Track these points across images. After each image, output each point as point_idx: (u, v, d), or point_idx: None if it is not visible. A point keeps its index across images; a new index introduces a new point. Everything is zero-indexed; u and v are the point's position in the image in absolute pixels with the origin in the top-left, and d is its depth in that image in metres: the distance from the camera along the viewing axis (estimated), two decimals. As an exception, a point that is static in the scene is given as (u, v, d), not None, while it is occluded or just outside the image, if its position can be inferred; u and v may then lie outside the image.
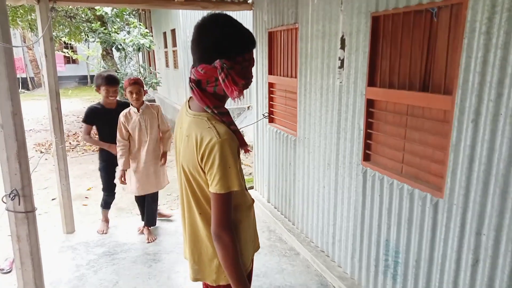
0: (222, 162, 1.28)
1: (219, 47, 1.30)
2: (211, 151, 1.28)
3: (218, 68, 1.28)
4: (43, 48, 3.43)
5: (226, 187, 1.30)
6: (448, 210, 1.99)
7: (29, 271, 1.95)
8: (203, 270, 1.52)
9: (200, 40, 1.33)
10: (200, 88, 1.37)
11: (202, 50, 1.33)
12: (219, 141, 1.27)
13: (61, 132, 3.62)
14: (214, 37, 1.31)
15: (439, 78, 2.01)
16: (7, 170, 1.84)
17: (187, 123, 1.40)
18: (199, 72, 1.33)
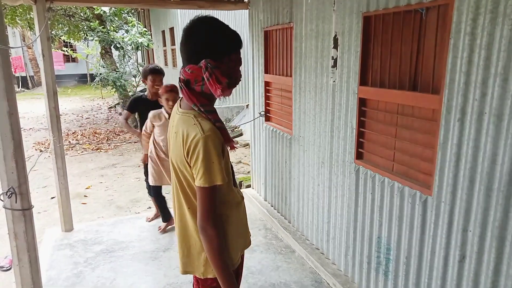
0: (206, 157, 1.33)
1: (206, 48, 1.36)
2: (195, 146, 1.33)
3: (202, 67, 1.34)
4: (40, 48, 3.46)
5: (210, 181, 1.35)
6: (436, 207, 2.03)
7: (26, 267, 2.00)
8: (192, 263, 1.57)
9: (188, 41, 1.40)
10: (188, 87, 1.42)
11: (190, 51, 1.40)
12: (203, 136, 1.33)
13: (58, 131, 3.66)
14: (201, 38, 1.38)
15: (427, 77, 2.05)
16: (4, 168, 1.88)
17: (176, 120, 1.47)
18: (187, 72, 1.39)
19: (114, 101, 15.27)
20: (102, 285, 2.98)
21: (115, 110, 13.62)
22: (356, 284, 2.80)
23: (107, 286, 2.97)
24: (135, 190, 5.77)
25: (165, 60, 11.59)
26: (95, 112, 13.84)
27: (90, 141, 9.10)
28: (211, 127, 1.38)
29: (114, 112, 13.43)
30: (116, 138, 9.44)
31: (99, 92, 17.38)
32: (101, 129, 10.50)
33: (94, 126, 11.00)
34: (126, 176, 6.49)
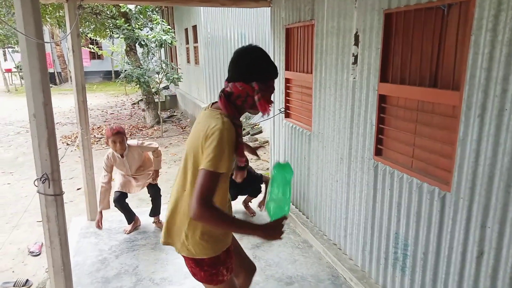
0: (220, 144, 1.48)
1: (256, 71, 1.60)
2: (213, 133, 1.50)
3: (256, 88, 1.59)
4: (71, 43, 3.62)
5: (216, 166, 1.46)
6: (455, 204, 2.04)
7: (57, 249, 2.12)
8: (172, 237, 1.73)
9: (240, 62, 1.62)
10: (228, 99, 1.62)
11: (242, 70, 1.61)
12: (222, 128, 1.50)
13: (86, 124, 3.81)
14: (253, 62, 1.61)
15: (448, 74, 2.06)
16: (39, 156, 2.01)
17: (202, 115, 1.67)
18: (237, 87, 1.61)
19: (137, 98, 15.61)
20: (125, 271, 3.10)
21: (138, 106, 13.93)
22: (373, 279, 2.82)
23: (129, 272, 3.09)
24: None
25: (188, 57, 11.77)
26: (119, 108, 14.19)
27: (114, 136, 9.34)
28: (231, 124, 1.55)
29: (137, 108, 13.74)
30: (139, 133, 9.67)
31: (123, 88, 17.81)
32: (125, 124, 10.76)
33: (118, 121, 11.30)
34: (148, 170, 6.64)
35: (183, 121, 11.27)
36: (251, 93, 1.60)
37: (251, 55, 1.63)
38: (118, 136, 3.50)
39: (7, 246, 4.05)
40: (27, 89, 1.96)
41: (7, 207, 5.12)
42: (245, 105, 1.64)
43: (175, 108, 13.48)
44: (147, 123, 10.70)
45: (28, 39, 1.87)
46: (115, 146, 3.54)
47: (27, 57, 1.90)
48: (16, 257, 3.84)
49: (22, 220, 4.68)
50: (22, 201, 5.32)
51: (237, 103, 1.63)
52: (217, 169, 1.46)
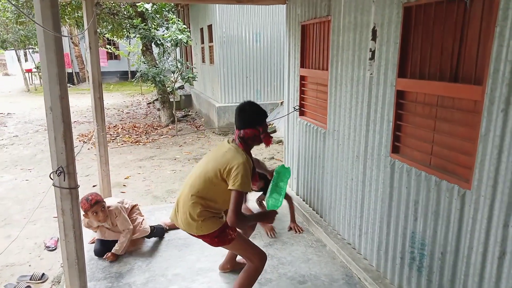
0: (244, 174, 2.19)
1: (257, 119, 2.35)
2: (238, 166, 2.20)
3: (260, 131, 2.35)
4: (88, 40, 3.66)
5: (242, 188, 2.17)
6: (475, 202, 1.97)
7: (71, 242, 2.14)
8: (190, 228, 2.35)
9: (245, 115, 2.35)
10: (243, 140, 2.35)
11: (247, 120, 2.33)
12: (245, 162, 2.23)
13: (102, 121, 3.85)
14: (253, 113, 2.36)
15: (469, 68, 1.99)
16: (54, 149, 2.02)
17: (228, 147, 2.34)
18: (247, 132, 2.33)
19: (152, 97, 15.77)
20: (139, 267, 3.11)
21: (154, 106, 14.07)
22: (388, 279, 2.76)
23: (143, 268, 3.10)
24: (170, 182, 5.94)
25: (203, 57, 11.83)
26: (134, 107, 14.36)
27: (130, 134, 9.46)
28: (249, 158, 2.30)
29: (152, 108, 13.88)
30: (154, 132, 9.76)
31: (139, 88, 18.03)
32: (140, 123, 10.88)
33: (133, 121, 11.43)
34: (163, 168, 6.70)
35: (198, 121, 11.33)
36: (258, 134, 2.34)
37: (249, 109, 2.35)
38: (98, 205, 3.11)
39: (24, 240, 4.12)
40: (44, 82, 1.98)
41: (25, 203, 5.21)
42: (254, 142, 2.38)
43: (190, 107, 13.56)
44: (162, 122, 10.79)
45: (46, 33, 1.89)
46: (97, 217, 3.14)
47: (44, 51, 1.92)
48: (33, 252, 3.90)
49: (39, 215, 4.76)
50: (39, 197, 5.42)
51: (249, 142, 2.37)
52: (243, 189, 2.18)
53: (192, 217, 2.29)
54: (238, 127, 2.34)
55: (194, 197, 2.29)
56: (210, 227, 2.30)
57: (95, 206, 3.11)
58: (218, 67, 9.52)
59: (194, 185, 2.32)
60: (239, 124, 2.34)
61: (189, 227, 2.34)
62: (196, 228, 2.31)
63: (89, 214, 3.12)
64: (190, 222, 2.31)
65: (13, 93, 19.68)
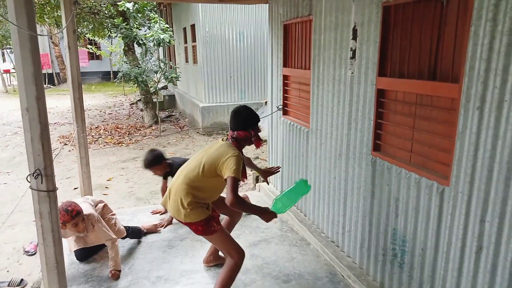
0: (236, 164, 2.35)
1: (250, 122, 2.55)
2: (231, 157, 2.37)
3: (252, 134, 2.54)
4: (66, 40, 3.59)
5: (237, 175, 2.33)
6: (453, 198, 2.01)
7: (50, 246, 2.08)
8: (179, 214, 2.49)
9: (239, 118, 2.54)
10: (236, 140, 2.53)
11: (241, 123, 2.53)
12: (238, 155, 2.41)
13: (82, 121, 3.78)
14: (247, 117, 2.56)
15: (447, 66, 2.03)
16: (31, 150, 1.97)
17: (222, 143, 2.53)
18: (240, 134, 2.52)
19: (135, 98, 15.58)
20: (121, 270, 3.06)
21: (137, 106, 13.90)
22: (371, 276, 2.79)
23: (125, 271, 3.06)
24: (154, 183, 5.88)
25: (186, 57, 11.73)
26: (117, 108, 14.15)
27: (112, 135, 9.32)
28: (241, 154, 2.50)
29: (135, 108, 13.71)
30: (137, 133, 9.64)
31: (122, 88, 17.78)
32: (123, 124, 10.73)
33: (116, 121, 11.26)
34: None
35: (181, 121, 11.24)
36: (249, 136, 2.54)
37: (244, 113, 2.56)
38: (79, 217, 2.88)
39: (2, 245, 4.01)
40: (19, 83, 1.92)
41: (3, 207, 5.08)
42: (246, 143, 2.58)
43: (174, 107, 13.44)
44: (145, 123, 10.67)
45: (21, 32, 1.84)
46: (77, 228, 2.91)
47: (19, 50, 1.86)
48: (11, 257, 3.80)
49: (18, 219, 4.65)
50: (18, 201, 5.28)
51: (241, 143, 2.56)
52: (238, 176, 2.34)
53: (183, 205, 2.44)
54: (232, 129, 2.56)
55: (186, 187, 2.46)
56: (197, 216, 2.46)
57: (77, 218, 2.86)
58: (202, 67, 9.47)
59: (187, 176, 2.49)
60: (233, 126, 2.55)
61: (178, 213, 2.49)
62: (184, 215, 2.46)
63: (69, 226, 2.85)
64: (179, 209, 2.46)
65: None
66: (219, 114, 9.54)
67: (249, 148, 7.72)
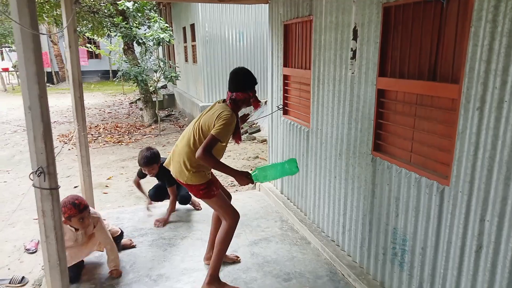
0: (225, 124, 2.46)
1: (248, 83, 2.63)
2: (225, 116, 2.48)
3: (251, 95, 2.64)
4: (67, 39, 3.59)
5: (218, 135, 2.44)
6: (453, 197, 2.03)
7: (52, 244, 2.09)
8: (181, 175, 2.64)
9: (237, 79, 2.62)
10: (233, 102, 2.62)
11: (238, 84, 2.61)
12: (230, 116, 2.51)
13: (83, 120, 3.78)
14: (245, 78, 2.64)
15: (447, 67, 2.05)
16: (34, 149, 1.98)
17: (218, 105, 2.63)
18: (239, 95, 2.61)
19: (135, 97, 15.57)
20: (122, 268, 3.07)
21: (136, 105, 13.89)
22: (371, 275, 2.81)
23: (126, 269, 3.07)
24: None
25: (186, 56, 11.74)
26: (116, 107, 14.14)
27: (112, 134, 9.32)
28: (235, 116, 2.57)
29: (135, 107, 13.71)
30: (137, 132, 9.64)
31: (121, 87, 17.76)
32: (123, 123, 10.73)
33: (115, 120, 11.26)
34: (146, 168, 6.62)
35: (181, 120, 11.24)
36: (248, 97, 2.63)
37: (242, 73, 2.64)
38: (86, 211, 2.77)
39: (3, 243, 4.01)
40: (22, 82, 1.93)
41: (3, 205, 5.08)
42: (244, 105, 2.65)
43: (173, 107, 13.44)
44: (145, 122, 10.67)
45: (23, 31, 1.84)
46: (83, 224, 2.78)
47: (22, 49, 1.87)
48: (12, 255, 3.81)
49: (18, 217, 4.65)
50: (18, 199, 5.29)
51: (239, 104, 2.64)
52: (218, 136, 2.43)
53: (186, 167, 2.59)
54: (230, 90, 2.63)
55: (188, 149, 2.58)
56: (199, 179, 2.61)
57: (84, 212, 2.74)
58: (201, 67, 9.48)
59: (189, 138, 2.61)
60: (232, 87, 2.61)
61: (180, 175, 2.63)
62: (187, 177, 2.60)
63: (74, 220, 2.72)
64: (182, 170, 2.61)
65: (-10, 93, 19.11)
66: (219, 114, 9.57)
67: (249, 148, 7.74)
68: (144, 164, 3.77)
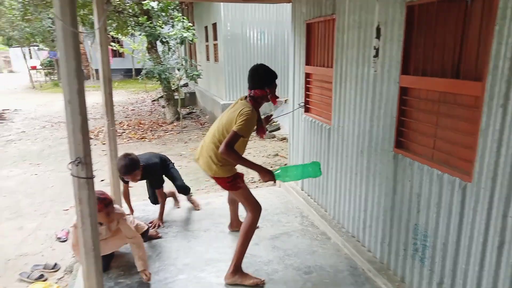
0: (246, 121, 2.60)
1: (267, 80, 2.74)
2: (246, 113, 2.63)
3: (268, 92, 2.74)
4: (98, 38, 3.75)
5: (239, 131, 2.57)
6: (476, 194, 2.05)
7: (88, 230, 2.23)
8: (210, 169, 2.80)
9: (255, 77, 2.75)
10: (253, 99, 2.77)
11: (257, 81, 2.73)
12: (251, 112, 2.65)
13: (112, 116, 3.95)
14: (263, 76, 2.75)
15: (470, 65, 2.07)
16: (73, 140, 2.11)
17: (239, 102, 2.80)
18: (257, 92, 2.74)
19: (157, 95, 15.87)
20: (149, 257, 3.21)
21: (158, 103, 14.17)
22: (392, 271, 2.85)
23: (153, 258, 3.20)
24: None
25: (207, 55, 11.91)
26: (139, 104, 14.47)
27: (135, 131, 9.57)
28: (255, 112, 2.73)
29: (157, 105, 13.99)
30: (159, 129, 9.86)
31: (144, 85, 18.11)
32: (145, 120, 10.99)
33: (138, 117, 11.54)
34: (169, 164, 6.79)
35: (202, 118, 11.42)
36: (266, 94, 2.74)
37: (260, 71, 2.76)
38: (111, 206, 2.85)
39: (36, 232, 4.23)
40: (63, 77, 2.07)
41: (35, 196, 5.33)
42: (263, 101, 2.79)
43: (194, 105, 13.65)
44: (167, 119, 10.89)
45: (65, 29, 1.97)
46: (109, 218, 2.87)
47: (63, 47, 2.00)
48: (45, 242, 4.01)
49: (49, 208, 4.89)
50: (48, 191, 5.54)
51: (258, 100, 2.77)
52: (240, 132, 2.56)
53: (213, 161, 2.75)
54: (249, 87, 2.77)
55: (213, 146, 2.74)
56: (226, 172, 2.78)
57: (110, 207, 2.83)
58: (223, 65, 9.61)
59: (214, 135, 2.78)
60: (251, 84, 2.75)
61: (209, 168, 2.80)
62: (214, 171, 2.78)
63: (101, 216, 2.77)
64: (211, 165, 2.77)
65: (19, 90, 19.85)
66: (239, 112, 9.67)
67: (269, 146, 7.81)
68: (125, 173, 3.50)
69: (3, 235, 4.18)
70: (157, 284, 2.89)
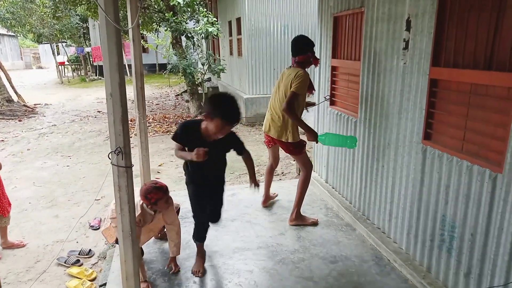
0: (302, 81, 3.21)
1: (308, 47, 3.37)
2: (300, 75, 3.23)
3: (310, 55, 3.35)
4: (131, 34, 3.89)
5: (297, 90, 3.21)
6: (506, 184, 2.06)
7: (126, 215, 2.36)
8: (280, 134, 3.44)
9: (298, 45, 3.39)
10: (299, 64, 3.35)
11: (299, 48, 3.36)
12: (304, 73, 3.26)
13: (143, 109, 4.09)
14: (304, 43, 3.39)
15: (504, 56, 2.07)
16: (113, 131, 2.24)
17: (289, 71, 3.38)
18: (301, 57, 3.34)
19: (180, 89, 16.12)
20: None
21: (182, 97, 14.40)
22: (418, 261, 2.87)
23: (183, 246, 3.31)
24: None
25: (230, 49, 12.00)
26: (163, 99, 14.74)
27: (161, 124, 9.78)
28: (307, 72, 3.33)
29: (180, 99, 14.22)
30: (184, 123, 10.04)
31: (167, 80, 18.42)
32: (170, 114, 11.21)
33: (163, 112, 11.78)
34: (194, 157, 6.95)
35: (225, 112, 11.53)
36: (308, 58, 3.35)
37: (299, 40, 3.40)
38: (168, 191, 2.83)
39: (70, 220, 4.45)
40: (105, 71, 2.19)
41: (67, 187, 5.58)
42: (307, 64, 3.37)
43: (217, 99, 13.76)
44: (191, 113, 11.07)
45: (109, 26, 2.09)
46: (167, 204, 2.84)
47: (106, 42, 2.12)
48: (79, 230, 4.22)
49: (82, 198, 5.11)
50: (80, 182, 5.78)
51: (303, 65, 3.34)
52: (297, 91, 3.20)
53: (286, 127, 3.37)
54: (293, 55, 3.37)
55: (281, 114, 3.35)
56: (295, 137, 3.40)
57: (167, 192, 2.82)
58: (246, 59, 9.67)
59: (278, 105, 3.39)
60: (294, 52, 3.37)
61: (280, 134, 3.41)
62: (285, 135, 3.40)
63: (161, 203, 2.76)
64: (282, 131, 3.39)
65: (48, 85, 20.53)
66: (262, 106, 9.72)
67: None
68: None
69: (41, 222, 4.41)
70: (187, 270, 3.01)
